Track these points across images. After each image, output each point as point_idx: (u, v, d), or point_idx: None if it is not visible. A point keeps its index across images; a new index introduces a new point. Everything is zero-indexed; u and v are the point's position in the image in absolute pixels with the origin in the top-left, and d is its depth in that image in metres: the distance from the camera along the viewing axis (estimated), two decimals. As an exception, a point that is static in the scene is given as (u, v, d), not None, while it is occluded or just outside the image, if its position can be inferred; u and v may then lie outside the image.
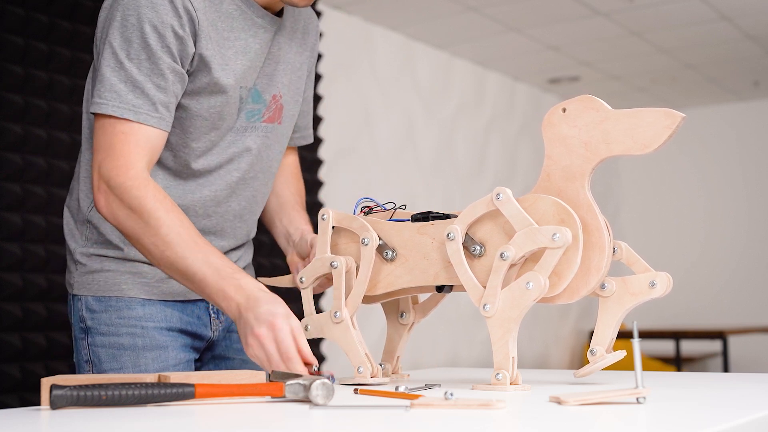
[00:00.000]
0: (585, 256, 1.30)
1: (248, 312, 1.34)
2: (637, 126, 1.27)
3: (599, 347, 1.36)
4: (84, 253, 1.59)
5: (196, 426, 1.03)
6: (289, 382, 1.18)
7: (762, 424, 1.01)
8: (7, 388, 2.83)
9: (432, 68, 5.46)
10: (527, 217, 1.29)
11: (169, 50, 1.45)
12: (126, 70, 1.44)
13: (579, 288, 1.31)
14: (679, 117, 1.25)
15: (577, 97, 1.32)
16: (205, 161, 1.56)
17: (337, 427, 1.00)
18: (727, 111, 7.03)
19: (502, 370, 1.30)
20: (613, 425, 0.98)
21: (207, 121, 1.53)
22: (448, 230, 1.34)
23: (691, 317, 6.97)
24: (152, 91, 1.45)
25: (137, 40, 1.44)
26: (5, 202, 2.88)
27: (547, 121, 1.34)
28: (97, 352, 1.56)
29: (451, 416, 1.03)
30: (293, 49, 1.65)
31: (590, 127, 1.30)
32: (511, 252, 1.29)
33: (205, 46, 1.48)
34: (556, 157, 1.33)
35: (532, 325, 6.21)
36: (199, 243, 1.41)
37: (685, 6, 4.76)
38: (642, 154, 1.29)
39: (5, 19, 2.92)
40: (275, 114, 1.63)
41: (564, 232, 1.26)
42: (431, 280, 1.40)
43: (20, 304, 2.90)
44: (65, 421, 1.05)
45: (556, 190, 1.33)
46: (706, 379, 1.54)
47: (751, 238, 6.89)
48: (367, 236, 1.42)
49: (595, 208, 1.31)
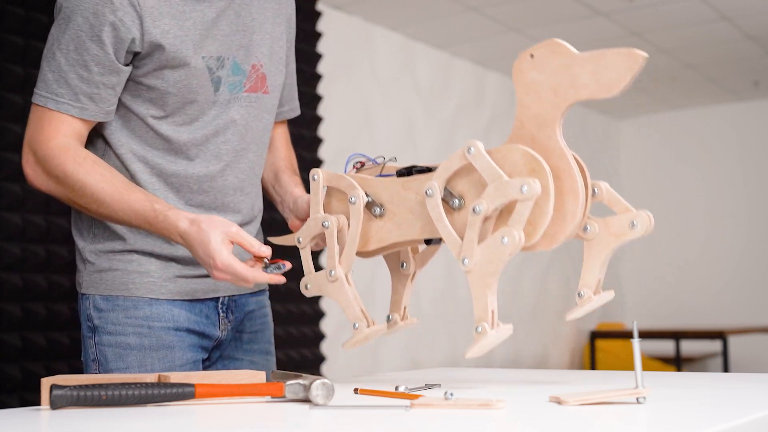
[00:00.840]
0: (559, 202, 1.30)
1: (192, 253, 1.47)
2: (601, 69, 1.27)
3: (586, 289, 1.36)
4: (93, 251, 1.60)
5: (196, 426, 1.03)
6: (289, 382, 1.18)
7: (762, 424, 1.01)
8: (7, 388, 2.83)
9: (432, 68, 5.46)
10: (497, 170, 1.29)
11: (99, 40, 1.48)
12: (56, 61, 1.51)
13: (556, 234, 1.31)
14: (641, 57, 1.24)
15: (544, 42, 1.31)
16: (189, 135, 1.57)
17: (337, 427, 1.00)
18: (727, 111, 7.03)
19: (482, 322, 1.30)
20: (613, 425, 0.98)
21: (177, 96, 1.55)
22: (426, 186, 1.35)
23: (691, 317, 6.97)
24: (75, 82, 1.50)
25: (69, 31, 1.50)
26: (5, 202, 2.88)
27: (516, 68, 1.33)
28: (104, 352, 1.57)
29: (451, 416, 1.03)
30: (269, 20, 1.66)
31: (558, 71, 1.30)
32: (483, 206, 1.28)
33: (154, 24, 1.50)
34: (527, 104, 1.33)
35: (532, 324, 6.22)
36: (122, 193, 1.49)
37: (685, 6, 4.76)
38: (607, 98, 1.28)
39: (5, 19, 2.92)
40: (257, 83, 1.64)
41: (532, 184, 1.26)
42: (418, 234, 1.41)
43: (20, 304, 2.90)
44: (65, 421, 1.05)
45: (529, 138, 1.33)
46: (706, 379, 1.54)
47: (751, 238, 6.89)
48: (354, 195, 1.43)
49: (567, 154, 1.30)
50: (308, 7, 4.23)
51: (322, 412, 1.10)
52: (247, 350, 1.71)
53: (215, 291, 1.64)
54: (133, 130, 1.57)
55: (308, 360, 3.98)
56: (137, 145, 1.57)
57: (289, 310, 3.89)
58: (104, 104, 1.53)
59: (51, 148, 1.51)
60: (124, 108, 1.57)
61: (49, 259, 2.97)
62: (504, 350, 5.94)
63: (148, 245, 1.58)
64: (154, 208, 1.48)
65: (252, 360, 1.71)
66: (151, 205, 1.48)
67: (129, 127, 1.57)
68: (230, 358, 1.70)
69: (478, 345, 1.30)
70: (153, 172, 1.58)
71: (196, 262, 1.61)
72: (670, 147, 7.23)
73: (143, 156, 1.57)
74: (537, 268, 6.27)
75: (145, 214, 1.48)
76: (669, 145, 7.24)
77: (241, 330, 1.70)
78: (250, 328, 1.72)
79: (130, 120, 1.57)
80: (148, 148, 1.57)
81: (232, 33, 1.59)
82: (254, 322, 1.73)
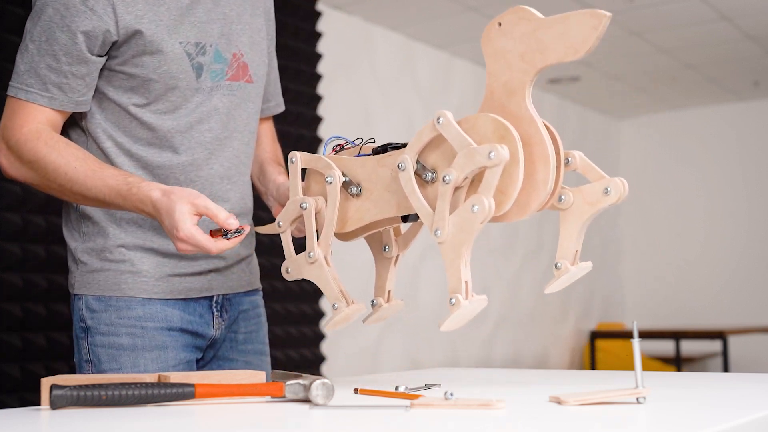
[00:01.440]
0: (530, 170, 1.29)
1: (161, 223, 1.46)
2: (567, 31, 1.26)
3: (563, 261, 1.35)
4: (84, 250, 1.60)
5: (196, 426, 1.03)
6: (289, 382, 1.18)
7: (762, 424, 1.01)
8: (7, 388, 2.83)
9: (432, 68, 5.46)
10: (466, 138, 1.28)
11: (69, 30, 1.50)
12: (28, 52, 1.53)
13: (529, 202, 1.30)
14: (604, 16, 1.24)
15: (510, 9, 1.31)
16: (173, 122, 1.58)
17: (337, 427, 1.00)
18: (727, 111, 7.03)
19: (455, 293, 1.29)
20: (614, 425, 0.98)
21: (158, 83, 1.55)
22: (398, 160, 1.34)
23: (691, 317, 6.98)
24: (44, 71, 1.52)
25: (41, 22, 1.51)
26: (5, 202, 2.89)
27: (485, 37, 1.33)
28: (97, 352, 1.56)
29: (451, 416, 1.03)
30: (247, 11, 1.68)
31: (525, 37, 1.29)
32: (453, 175, 1.28)
33: (127, 10, 1.51)
34: (497, 72, 1.32)
35: (531, 325, 6.22)
36: (95, 170, 1.49)
37: (685, 6, 4.76)
38: (574, 60, 1.27)
39: (5, 19, 2.92)
40: (239, 72, 1.64)
41: (499, 149, 1.25)
42: (395, 210, 1.40)
43: (20, 304, 2.90)
44: (65, 421, 1.05)
45: (499, 107, 1.32)
46: (706, 379, 1.54)
47: (751, 238, 6.89)
48: (330, 174, 1.43)
49: (538, 121, 1.29)
50: (308, 7, 4.23)
51: (322, 412, 1.10)
52: (242, 351, 1.71)
53: (209, 290, 1.64)
54: (116, 122, 1.58)
55: (308, 360, 3.99)
56: (121, 137, 1.58)
57: (289, 310, 3.88)
58: (74, 94, 1.54)
59: (23, 133, 1.52)
60: (105, 99, 1.57)
61: (49, 259, 2.97)
62: (504, 350, 5.94)
63: (138, 239, 1.58)
64: (127, 180, 1.48)
65: (247, 360, 1.71)
66: (124, 179, 1.48)
67: (111, 119, 1.58)
68: (225, 359, 1.69)
69: (452, 317, 1.28)
70: (138, 164, 1.58)
71: (190, 258, 1.61)
72: (670, 147, 7.23)
73: (128, 149, 1.58)
74: (537, 269, 6.28)
75: (119, 188, 1.47)
76: (669, 145, 7.23)
77: (235, 330, 1.70)
78: (245, 328, 1.71)
79: (113, 111, 1.57)
80: (132, 140, 1.58)
81: (211, 21, 1.60)
82: (249, 321, 1.73)
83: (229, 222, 1.42)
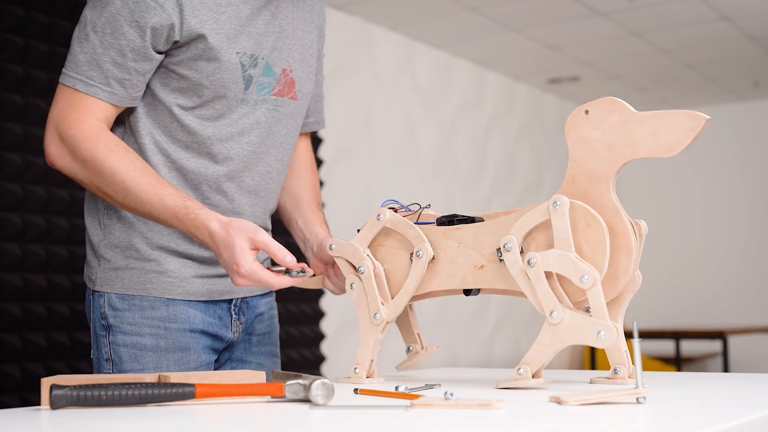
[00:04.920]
0: (613, 259, 1.30)
1: (217, 256, 1.45)
2: (662, 128, 1.27)
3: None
4: (108, 247, 1.58)
5: (196, 426, 1.03)
6: (289, 382, 1.18)
7: (762, 424, 1.01)
8: (7, 388, 2.83)
9: (432, 68, 5.46)
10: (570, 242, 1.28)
11: (137, 26, 1.47)
12: (89, 42, 1.48)
13: (607, 292, 1.31)
14: (703, 119, 1.25)
15: (599, 99, 1.32)
16: (214, 131, 1.56)
17: (337, 427, 1.00)
18: (727, 111, 7.03)
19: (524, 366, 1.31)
20: (614, 425, 0.98)
21: (209, 89, 1.53)
22: (504, 240, 1.33)
23: (691, 317, 6.97)
24: (107, 66, 1.48)
25: (106, 13, 1.47)
26: (5, 202, 2.88)
27: (570, 124, 1.33)
28: (119, 352, 1.55)
29: (451, 416, 1.03)
30: (300, 27, 1.66)
31: (614, 129, 1.30)
32: (538, 259, 1.29)
33: (193, 14, 1.49)
34: (581, 159, 1.32)
35: (531, 325, 6.21)
36: (154, 185, 1.46)
37: (685, 6, 4.76)
38: (667, 157, 1.28)
39: (5, 19, 2.92)
40: (285, 88, 1.62)
41: (593, 274, 1.26)
42: (458, 284, 1.41)
43: (20, 304, 2.89)
44: (65, 421, 1.05)
45: (581, 193, 1.32)
46: (706, 379, 1.54)
47: (751, 238, 6.89)
48: (422, 248, 1.43)
49: (621, 211, 1.30)
50: (308, 7, 4.23)
51: (322, 412, 1.10)
52: (255, 353, 1.70)
53: (230, 293, 1.64)
54: (158, 119, 1.56)
55: (308, 360, 3.98)
56: (160, 135, 1.56)
57: (289, 310, 3.88)
58: (133, 90, 1.52)
59: (81, 130, 1.48)
60: (150, 95, 1.55)
61: (49, 259, 2.97)
62: (504, 350, 5.94)
63: (164, 240, 1.57)
64: (185, 204, 1.45)
65: (260, 362, 1.70)
66: (183, 202, 1.46)
67: (154, 116, 1.56)
68: (239, 360, 1.69)
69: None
70: (173, 166, 1.56)
71: (213, 262, 1.60)
72: (670, 147, 7.21)
73: (165, 149, 1.56)
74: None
75: (176, 210, 1.45)
76: (669, 145, 7.22)
77: (250, 332, 1.70)
78: (259, 330, 1.71)
79: (157, 108, 1.55)
80: (171, 140, 1.56)
81: (267, 33, 1.58)
82: (263, 324, 1.72)
83: (286, 261, 1.42)
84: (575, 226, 1.29)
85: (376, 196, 4.84)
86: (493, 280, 1.37)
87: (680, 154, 1.29)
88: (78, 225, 3.04)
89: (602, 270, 1.28)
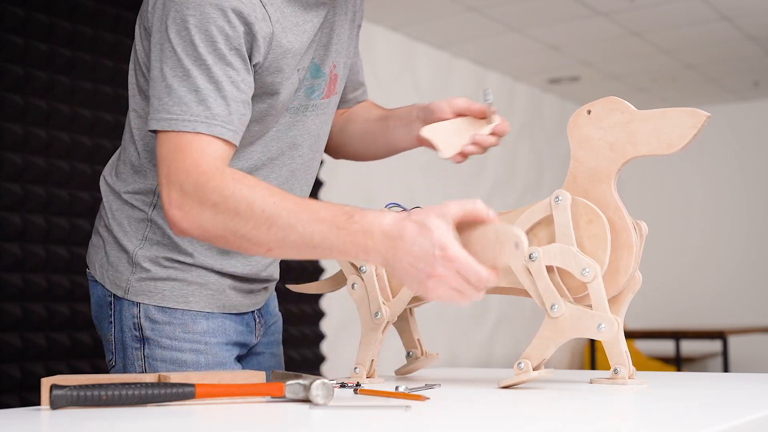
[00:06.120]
0: (614, 256, 1.31)
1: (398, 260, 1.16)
2: (663, 126, 1.28)
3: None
4: (146, 257, 1.47)
5: (196, 426, 1.03)
6: (289, 382, 1.18)
7: (762, 424, 1.01)
8: (7, 388, 2.83)
9: (432, 68, 5.46)
10: (571, 236, 1.29)
11: (239, 54, 1.31)
12: (190, 79, 1.28)
13: (608, 289, 1.31)
14: (704, 116, 1.26)
15: (601, 99, 1.33)
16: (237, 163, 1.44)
17: (337, 427, 1.00)
18: (727, 111, 7.03)
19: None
20: (614, 425, 0.98)
21: (252, 121, 1.42)
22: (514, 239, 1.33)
23: (691, 317, 6.97)
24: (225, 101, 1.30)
25: (202, 46, 1.28)
26: (5, 202, 2.88)
27: (572, 123, 1.35)
28: (155, 366, 1.46)
29: (451, 416, 1.03)
30: (346, 24, 1.54)
31: (616, 128, 1.31)
32: (539, 254, 1.29)
33: (284, 37, 1.36)
34: (582, 158, 1.33)
35: (531, 324, 6.21)
36: (298, 203, 1.23)
37: (685, 6, 4.76)
38: (668, 154, 1.29)
39: (5, 19, 2.92)
40: (330, 87, 1.51)
41: (594, 267, 1.27)
42: None
43: (20, 304, 2.90)
44: (65, 421, 1.05)
45: (583, 192, 1.33)
46: (706, 379, 1.54)
47: (751, 238, 6.89)
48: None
49: (623, 209, 1.31)
50: (308, 7, 4.22)
51: (322, 412, 1.10)
52: (266, 343, 1.66)
53: (256, 304, 1.60)
54: None
55: (308, 360, 3.99)
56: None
57: (289, 310, 3.88)
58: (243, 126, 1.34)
59: (202, 172, 1.25)
60: None
61: (49, 259, 2.97)
62: (504, 350, 5.94)
63: (203, 255, 1.48)
64: (344, 210, 1.21)
65: (273, 353, 1.67)
66: (340, 208, 1.22)
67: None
68: (254, 353, 1.64)
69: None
70: None
71: (249, 279, 1.54)
72: (670, 147, 7.22)
73: None
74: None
75: (335, 219, 1.20)
76: (669, 145, 7.22)
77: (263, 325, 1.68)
78: (269, 321, 1.68)
79: None
80: None
81: (321, 40, 1.48)
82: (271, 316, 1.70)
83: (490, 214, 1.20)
84: (577, 222, 1.30)
85: (376, 196, 4.84)
86: None
87: (680, 154, 1.30)
88: (78, 225, 3.04)
89: (603, 265, 1.29)
